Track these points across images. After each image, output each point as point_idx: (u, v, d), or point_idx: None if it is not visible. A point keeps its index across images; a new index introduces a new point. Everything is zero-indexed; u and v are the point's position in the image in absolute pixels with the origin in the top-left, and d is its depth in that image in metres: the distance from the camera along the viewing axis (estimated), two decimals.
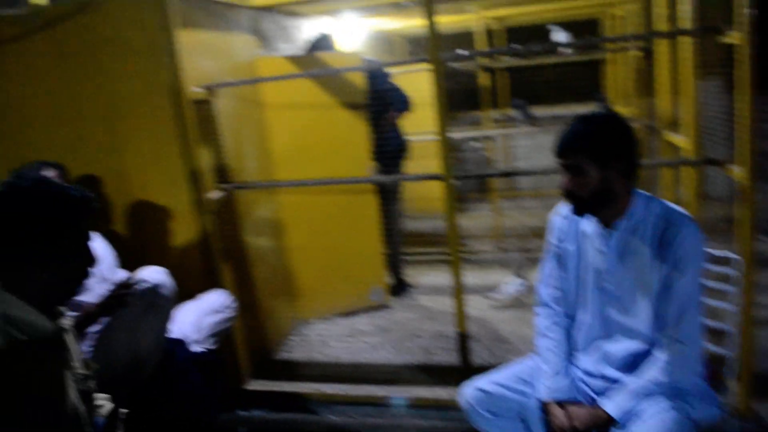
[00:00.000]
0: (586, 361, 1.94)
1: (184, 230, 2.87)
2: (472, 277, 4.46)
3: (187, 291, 2.83)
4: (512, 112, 4.66)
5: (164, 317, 2.16)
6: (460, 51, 2.84)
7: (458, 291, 2.71)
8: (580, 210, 1.83)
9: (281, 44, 4.08)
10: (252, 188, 3.20)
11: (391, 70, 4.13)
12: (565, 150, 1.78)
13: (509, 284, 3.89)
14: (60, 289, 1.39)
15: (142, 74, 2.73)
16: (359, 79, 3.68)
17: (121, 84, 2.77)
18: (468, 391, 1.98)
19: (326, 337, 3.65)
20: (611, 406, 1.75)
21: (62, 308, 1.48)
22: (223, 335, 2.67)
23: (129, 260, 2.61)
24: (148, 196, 2.87)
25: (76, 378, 1.44)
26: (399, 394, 2.91)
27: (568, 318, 2.02)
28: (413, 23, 5.13)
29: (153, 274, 2.18)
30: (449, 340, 3.21)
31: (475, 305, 3.88)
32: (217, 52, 3.10)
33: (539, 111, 5.68)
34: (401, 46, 6.23)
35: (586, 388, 1.91)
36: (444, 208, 2.65)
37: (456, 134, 5.17)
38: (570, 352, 1.99)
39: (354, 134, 3.67)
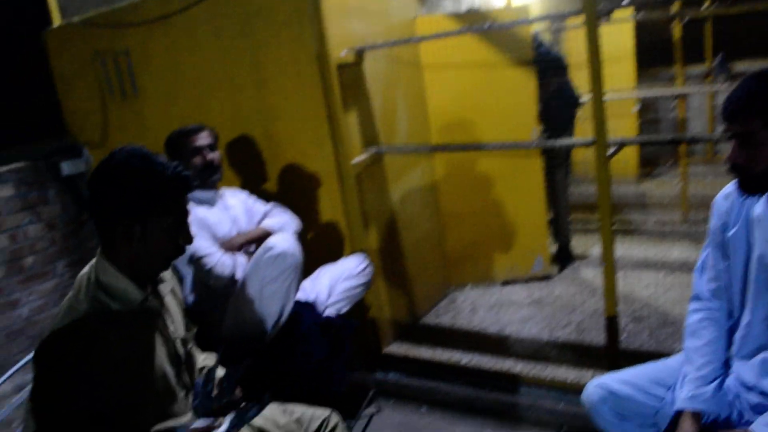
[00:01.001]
0: (745, 370, 1.62)
1: (328, 193, 2.91)
2: (647, 249, 4.06)
3: (327, 253, 2.89)
4: (712, 68, 4.05)
5: (290, 285, 2.20)
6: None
7: (609, 266, 2.42)
8: (750, 188, 1.50)
9: (446, 2, 3.92)
10: (401, 152, 3.13)
11: (564, 23, 3.78)
12: (734, 114, 1.44)
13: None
14: (151, 262, 1.44)
15: (289, 42, 2.79)
16: (526, 35, 3.41)
17: (270, 52, 2.86)
18: (592, 389, 1.76)
19: (477, 306, 3.53)
20: (763, 429, 1.44)
21: (161, 276, 1.54)
22: (356, 299, 2.67)
23: None
24: (296, 159, 2.95)
25: (170, 341, 1.51)
26: (540, 372, 2.73)
27: (728, 316, 1.69)
28: None
29: (281, 242, 2.22)
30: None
31: (648, 281, 3.53)
32: (370, 13, 3.05)
33: (746, 66, 4.90)
34: None
35: (738, 402, 1.60)
36: (627, 172, 2.35)
37: (641, 92, 4.66)
38: (725, 356, 1.67)
39: (520, 95, 3.42)
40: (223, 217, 2.47)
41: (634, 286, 3.50)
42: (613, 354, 2.51)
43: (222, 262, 2.28)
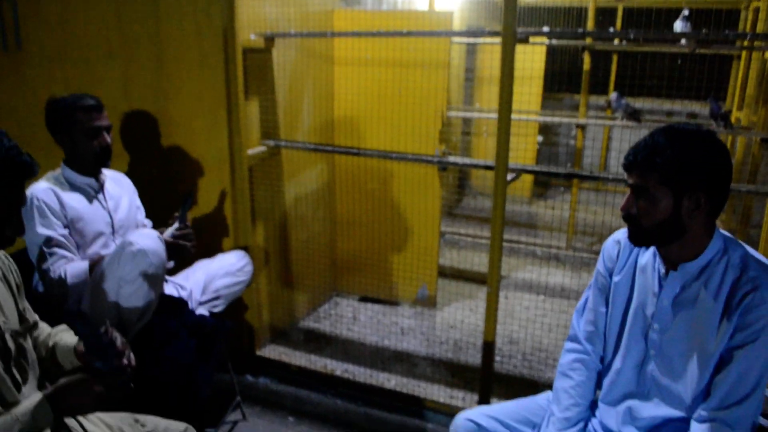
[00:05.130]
0: (609, 416, 1.63)
1: (218, 182, 2.75)
2: (530, 271, 4.17)
3: (210, 247, 2.73)
4: (612, 101, 4.20)
5: (150, 286, 1.99)
6: (550, 29, 2.47)
7: (493, 292, 2.42)
8: (638, 240, 1.50)
9: None
10: (300, 148, 3.00)
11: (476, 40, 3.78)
12: (634, 165, 1.42)
13: None
14: None
15: (195, 17, 2.60)
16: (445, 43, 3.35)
17: (173, 25, 2.65)
18: (460, 422, 1.73)
19: (358, 314, 3.48)
20: None
21: None
22: (233, 298, 2.53)
23: (159, 205, 2.50)
24: (189, 143, 2.76)
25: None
26: (414, 389, 2.71)
27: (599, 360, 1.71)
28: None
29: (143, 238, 1.99)
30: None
31: (527, 303, 3.61)
32: None
33: (646, 103, 5.15)
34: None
35: None
36: (520, 192, 2.35)
37: (546, 117, 4.78)
38: (591, 399, 1.69)
39: (429, 105, 3.30)
40: (99, 211, 2.24)
41: (514, 306, 3.57)
42: (487, 377, 2.52)
43: (55, 270, 2.05)
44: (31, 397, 1.33)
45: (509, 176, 2.36)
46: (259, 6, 2.69)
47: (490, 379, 2.54)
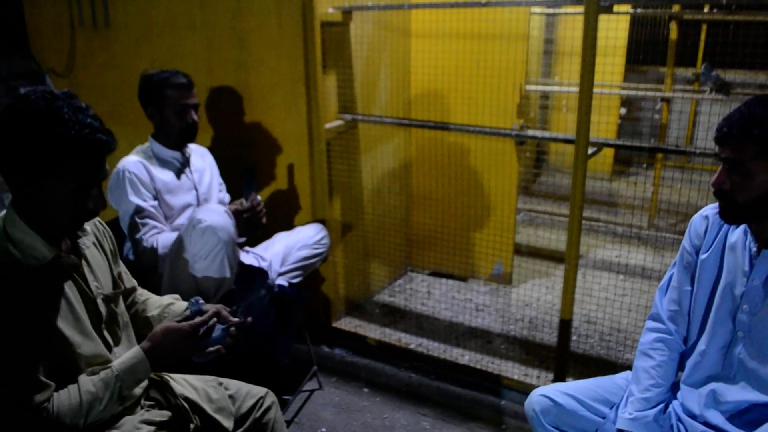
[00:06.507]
0: (691, 398, 1.58)
1: (296, 156, 2.80)
2: (610, 250, 4.05)
3: (288, 220, 2.79)
4: (701, 73, 3.98)
5: (222, 260, 2.05)
6: None
7: (571, 269, 2.37)
8: (731, 217, 1.42)
9: None
10: (377, 123, 3.01)
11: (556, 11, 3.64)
12: (728, 137, 1.34)
13: None
14: (54, 222, 1.32)
15: None
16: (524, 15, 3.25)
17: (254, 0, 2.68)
18: (535, 398, 1.71)
19: (432, 289, 3.48)
20: None
21: (81, 235, 1.44)
22: (310, 270, 2.59)
23: (238, 179, 2.57)
24: (268, 117, 2.82)
25: (90, 299, 1.42)
26: (487, 365, 2.70)
27: (683, 341, 1.65)
28: None
29: (210, 215, 2.06)
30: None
31: (606, 283, 3.51)
32: None
33: (738, 76, 4.86)
34: None
35: (679, 429, 1.57)
36: (600, 168, 2.29)
37: (629, 90, 4.59)
38: (672, 380, 1.64)
39: (508, 79, 3.17)
40: (185, 183, 2.33)
41: (591, 285, 3.48)
42: (562, 356, 2.49)
43: (146, 239, 2.15)
44: (128, 352, 1.41)
45: (590, 150, 2.29)
46: None
47: (565, 359, 2.50)
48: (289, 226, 2.69)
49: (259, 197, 2.29)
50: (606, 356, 2.84)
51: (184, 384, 1.66)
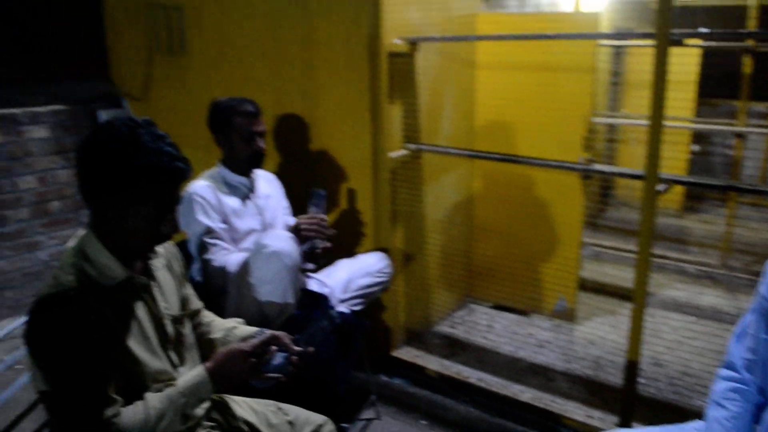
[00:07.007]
0: None
1: (359, 184, 2.82)
2: (680, 290, 3.90)
3: (351, 247, 2.81)
4: None
5: (286, 286, 2.08)
6: (709, 30, 2.29)
7: (639, 308, 2.29)
8: None
9: (511, 1, 3.77)
10: (442, 153, 3.01)
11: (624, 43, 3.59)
12: None
13: None
14: (130, 244, 1.38)
15: (343, 23, 2.69)
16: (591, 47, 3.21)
17: (322, 31, 2.77)
18: None
19: (494, 322, 3.42)
20: None
21: (150, 257, 1.49)
22: (372, 298, 2.59)
23: (303, 205, 2.61)
24: (333, 145, 2.87)
25: (158, 319, 1.47)
26: (549, 404, 2.62)
27: (759, 392, 1.56)
28: None
29: (276, 240, 2.09)
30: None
31: (675, 324, 3.38)
32: (430, 3, 2.92)
33: None
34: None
35: None
36: (670, 204, 2.22)
37: (701, 125, 4.45)
38: None
39: (574, 112, 3.12)
40: (251, 209, 2.39)
41: (659, 326, 3.36)
42: (628, 399, 2.39)
43: (216, 260, 2.21)
44: (192, 371, 1.44)
45: (660, 187, 2.22)
46: (404, 11, 2.73)
47: (631, 402, 2.40)
48: (351, 253, 2.71)
49: (324, 216, 2.31)
50: (675, 402, 2.71)
51: (245, 407, 1.68)
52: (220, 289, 2.21)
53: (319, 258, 2.33)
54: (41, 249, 3.67)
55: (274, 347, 1.50)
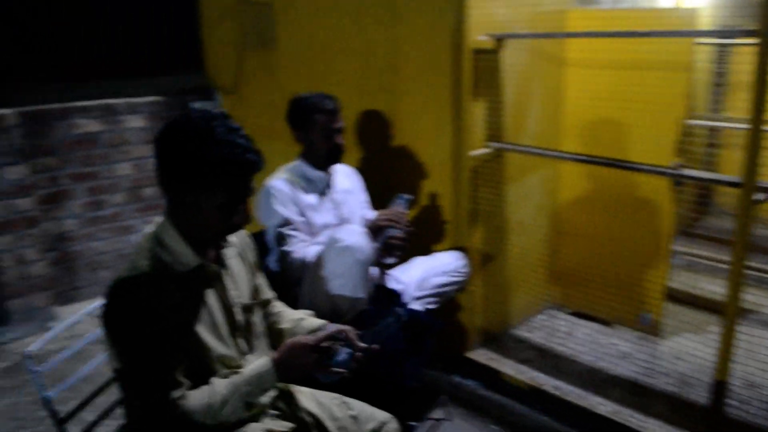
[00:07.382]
0: None
1: (439, 182, 2.80)
2: None
3: (427, 245, 2.79)
4: None
5: (357, 281, 2.10)
6: None
7: (730, 323, 2.15)
8: None
9: None
10: (526, 153, 2.92)
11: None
12: None
13: None
14: (203, 232, 1.42)
15: (429, 16, 2.66)
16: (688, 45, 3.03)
17: (407, 25, 2.75)
18: None
19: (574, 330, 3.30)
20: None
21: (223, 246, 1.52)
22: (447, 298, 2.55)
23: (384, 200, 2.59)
24: (414, 142, 2.86)
25: (228, 307, 1.51)
26: (628, 418, 2.50)
27: None
28: None
29: (349, 235, 2.11)
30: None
31: None
32: None
33: None
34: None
35: None
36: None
37: None
38: None
39: (667, 113, 2.95)
40: (327, 204, 2.42)
41: (754, 344, 3.13)
42: (715, 420, 2.25)
43: (296, 251, 2.24)
44: (258, 361, 1.47)
45: (759, 196, 2.07)
46: (490, 7, 2.67)
47: (719, 423, 2.26)
48: (428, 251, 2.69)
49: (405, 211, 2.32)
50: (765, 425, 2.52)
51: (310, 398, 1.69)
52: (296, 281, 2.24)
53: (394, 249, 2.30)
54: (134, 232, 3.87)
55: (338, 342, 1.51)
